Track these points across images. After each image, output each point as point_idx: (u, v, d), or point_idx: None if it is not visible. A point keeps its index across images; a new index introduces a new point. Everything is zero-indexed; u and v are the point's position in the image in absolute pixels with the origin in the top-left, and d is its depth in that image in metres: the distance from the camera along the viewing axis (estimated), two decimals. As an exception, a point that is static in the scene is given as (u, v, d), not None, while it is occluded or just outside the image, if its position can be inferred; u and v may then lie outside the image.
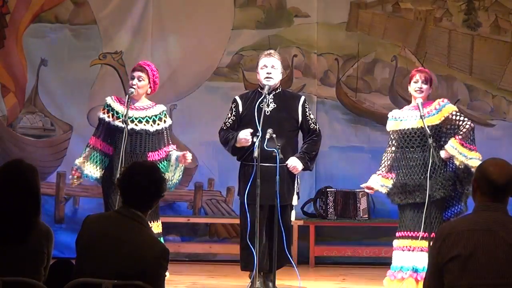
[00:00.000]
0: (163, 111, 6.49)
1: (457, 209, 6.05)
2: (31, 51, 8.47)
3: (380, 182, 6.10)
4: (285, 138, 6.18)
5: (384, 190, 6.12)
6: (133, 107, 6.36)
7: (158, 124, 6.40)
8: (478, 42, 8.30)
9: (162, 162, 6.37)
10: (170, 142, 6.49)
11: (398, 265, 5.97)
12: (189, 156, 6.33)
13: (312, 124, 6.39)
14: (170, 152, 6.42)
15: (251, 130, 6.15)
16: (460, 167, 5.92)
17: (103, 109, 6.38)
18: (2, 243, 3.76)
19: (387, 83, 8.35)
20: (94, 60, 8.42)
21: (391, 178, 6.06)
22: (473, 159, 5.82)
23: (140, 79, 6.38)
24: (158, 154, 6.39)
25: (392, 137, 6.13)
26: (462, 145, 5.88)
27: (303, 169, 6.35)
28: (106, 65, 8.43)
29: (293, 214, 6.24)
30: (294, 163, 6.22)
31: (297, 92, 8.04)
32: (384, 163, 6.14)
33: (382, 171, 6.12)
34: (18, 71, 8.48)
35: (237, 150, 6.30)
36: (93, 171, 6.31)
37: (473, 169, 5.77)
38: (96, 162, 6.33)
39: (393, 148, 6.11)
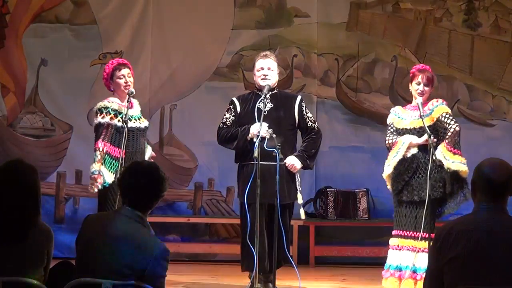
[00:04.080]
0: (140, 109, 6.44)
1: (451, 206, 6.09)
2: (31, 51, 8.47)
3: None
4: (283, 137, 6.18)
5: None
6: (124, 105, 6.23)
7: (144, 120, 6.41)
8: (478, 42, 8.30)
9: None
10: None
11: (394, 264, 5.99)
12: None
13: (310, 123, 6.39)
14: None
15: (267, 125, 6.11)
16: (447, 170, 5.94)
17: (101, 114, 6.13)
18: (2, 243, 3.76)
19: (387, 83, 8.35)
20: (94, 60, 8.42)
21: None
22: (455, 163, 5.88)
23: (129, 75, 6.28)
24: None
25: (392, 129, 6.13)
26: (447, 149, 5.92)
27: (302, 168, 6.34)
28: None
29: (302, 212, 6.24)
30: (292, 161, 6.22)
31: (297, 92, 8.06)
32: (394, 137, 6.08)
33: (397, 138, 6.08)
34: (18, 71, 8.48)
35: (245, 143, 6.25)
36: (109, 176, 6.07)
37: (461, 174, 5.88)
38: (110, 167, 6.09)
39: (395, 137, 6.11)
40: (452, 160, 5.89)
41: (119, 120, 6.12)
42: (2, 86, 8.50)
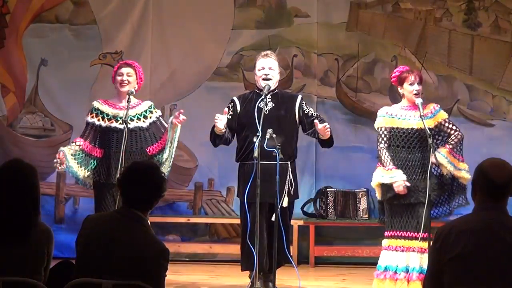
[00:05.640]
0: (151, 105, 6.54)
1: (445, 210, 6.10)
2: (31, 51, 8.47)
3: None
4: (284, 136, 6.18)
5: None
6: (117, 106, 6.36)
7: (150, 118, 6.42)
8: (478, 42, 8.29)
9: (164, 151, 6.40)
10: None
11: (393, 265, 5.97)
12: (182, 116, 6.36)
13: (315, 113, 6.43)
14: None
15: (225, 120, 6.17)
16: (446, 175, 5.98)
17: (91, 113, 6.43)
18: (1, 243, 3.76)
19: (387, 83, 8.32)
20: (94, 60, 8.42)
21: None
22: (462, 171, 5.97)
23: (129, 74, 6.37)
24: (158, 146, 6.42)
25: (383, 134, 6.09)
26: (452, 155, 5.95)
27: (327, 140, 6.29)
28: (106, 65, 8.43)
29: (285, 200, 6.19)
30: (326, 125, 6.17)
31: (297, 92, 8.05)
32: (388, 157, 6.00)
33: (393, 165, 5.99)
34: (18, 71, 8.48)
35: (215, 137, 6.34)
36: (76, 168, 6.33)
37: (461, 180, 5.97)
38: (81, 162, 6.34)
39: (386, 145, 6.08)
40: (459, 168, 5.96)
41: (98, 120, 6.36)
42: (2, 86, 8.50)
